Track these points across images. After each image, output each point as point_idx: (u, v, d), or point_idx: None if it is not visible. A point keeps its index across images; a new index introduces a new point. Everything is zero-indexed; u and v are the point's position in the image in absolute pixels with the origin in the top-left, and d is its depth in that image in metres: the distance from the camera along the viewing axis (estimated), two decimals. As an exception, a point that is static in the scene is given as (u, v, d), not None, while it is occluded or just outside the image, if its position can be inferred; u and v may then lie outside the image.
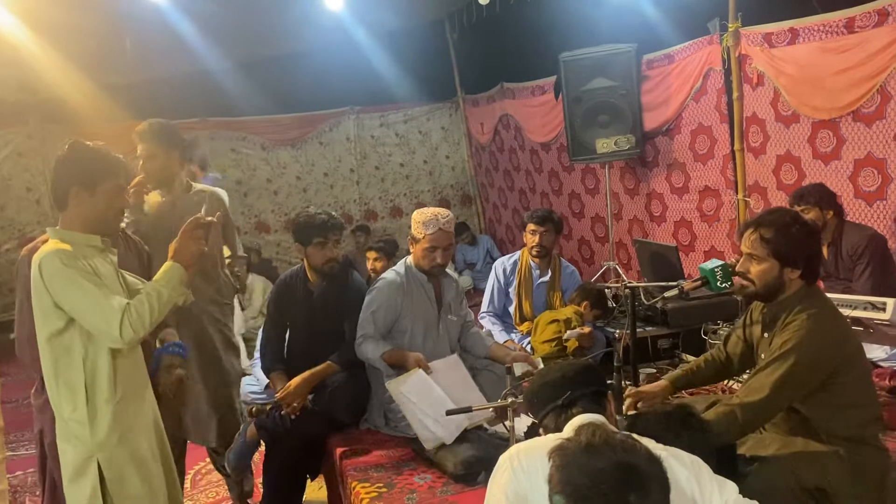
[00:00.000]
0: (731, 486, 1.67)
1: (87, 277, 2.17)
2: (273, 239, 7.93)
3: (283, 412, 3.18)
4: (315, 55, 6.84)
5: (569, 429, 1.70)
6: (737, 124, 4.77)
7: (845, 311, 2.49)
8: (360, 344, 3.26)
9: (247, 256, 3.86)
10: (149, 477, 2.37)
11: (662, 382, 2.64)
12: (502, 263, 4.53)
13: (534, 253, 4.35)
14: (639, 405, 2.53)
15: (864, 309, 2.67)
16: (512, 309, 4.45)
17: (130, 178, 2.43)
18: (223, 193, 3.71)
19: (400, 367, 3.18)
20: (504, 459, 1.73)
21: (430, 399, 2.98)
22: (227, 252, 3.76)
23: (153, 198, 3.49)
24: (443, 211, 3.38)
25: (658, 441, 1.68)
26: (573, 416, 1.79)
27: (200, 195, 3.53)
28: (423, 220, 3.31)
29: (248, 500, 3.68)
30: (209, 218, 2.49)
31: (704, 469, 1.68)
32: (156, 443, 2.46)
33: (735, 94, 4.72)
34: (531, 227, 4.35)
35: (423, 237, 3.30)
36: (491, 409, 2.88)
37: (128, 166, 2.39)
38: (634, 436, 1.39)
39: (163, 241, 2.57)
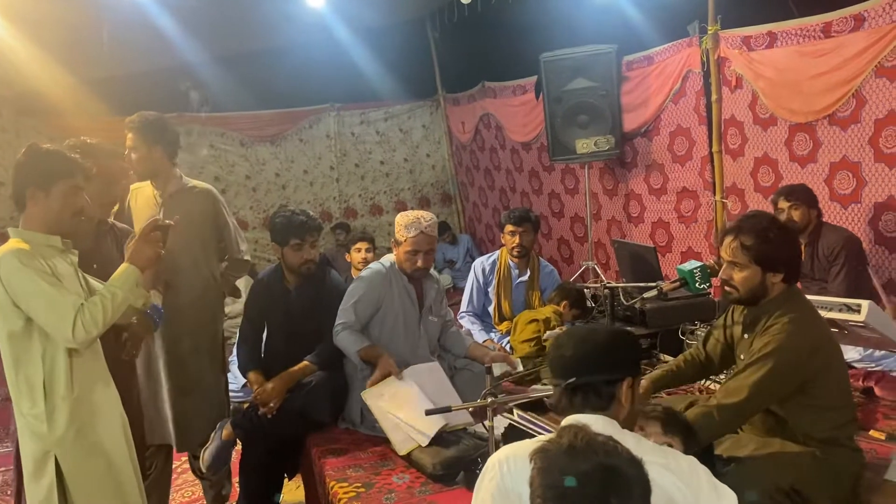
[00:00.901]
0: (729, 497, 1.64)
1: (43, 277, 2.21)
2: (251, 236, 7.85)
3: (260, 412, 3.16)
4: (296, 51, 6.79)
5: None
6: (715, 126, 4.80)
7: (821, 313, 2.51)
8: (339, 332, 3.23)
9: (248, 260, 3.75)
10: (112, 468, 2.39)
11: (643, 383, 2.65)
12: (481, 263, 4.54)
13: (514, 253, 4.36)
14: None
15: (840, 310, 2.70)
16: (491, 308, 4.46)
17: (89, 178, 2.41)
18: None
19: (373, 364, 3.17)
20: (493, 462, 1.68)
21: (407, 401, 2.98)
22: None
23: (146, 191, 3.45)
24: (426, 214, 3.37)
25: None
26: (574, 405, 1.74)
27: (193, 192, 3.49)
28: (406, 222, 3.30)
29: (226, 504, 3.66)
30: (167, 221, 2.54)
31: (703, 477, 1.64)
32: (121, 433, 2.46)
33: (714, 97, 4.75)
34: (509, 227, 4.36)
35: (405, 240, 3.29)
36: (470, 410, 2.89)
37: (85, 167, 2.39)
38: (616, 437, 1.38)
39: None
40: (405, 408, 2.97)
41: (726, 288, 2.41)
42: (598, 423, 1.62)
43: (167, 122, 3.46)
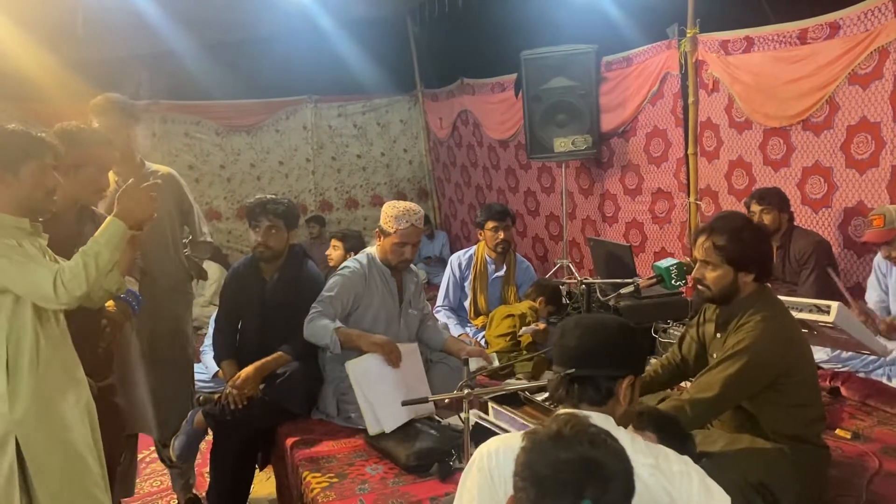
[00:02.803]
0: (720, 499, 1.62)
1: (13, 251, 2.17)
2: (224, 227, 7.79)
3: (231, 402, 3.12)
4: (275, 41, 6.73)
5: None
6: (691, 129, 4.87)
7: (791, 313, 2.56)
8: (313, 319, 3.18)
9: (211, 242, 3.75)
10: (74, 452, 2.34)
11: None
12: (458, 258, 4.56)
13: (499, 250, 4.40)
14: None
15: (810, 311, 2.75)
16: (467, 303, 4.48)
17: (58, 157, 2.36)
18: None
19: (350, 349, 3.15)
20: (481, 454, 1.63)
21: (382, 385, 2.99)
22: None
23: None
24: (414, 206, 3.36)
25: None
26: (571, 396, 1.71)
27: (155, 175, 3.45)
28: (396, 214, 3.28)
29: (193, 492, 3.63)
30: (157, 181, 2.51)
31: (695, 479, 1.62)
32: (85, 418, 2.42)
33: (690, 99, 4.81)
34: (492, 224, 4.38)
35: (395, 231, 3.27)
36: (445, 403, 2.91)
37: (54, 146, 2.33)
38: (611, 431, 1.36)
39: None
40: (382, 391, 2.98)
41: (699, 287, 2.44)
42: (594, 419, 1.56)
43: (133, 102, 3.43)
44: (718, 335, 2.46)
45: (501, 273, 4.46)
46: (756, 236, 2.38)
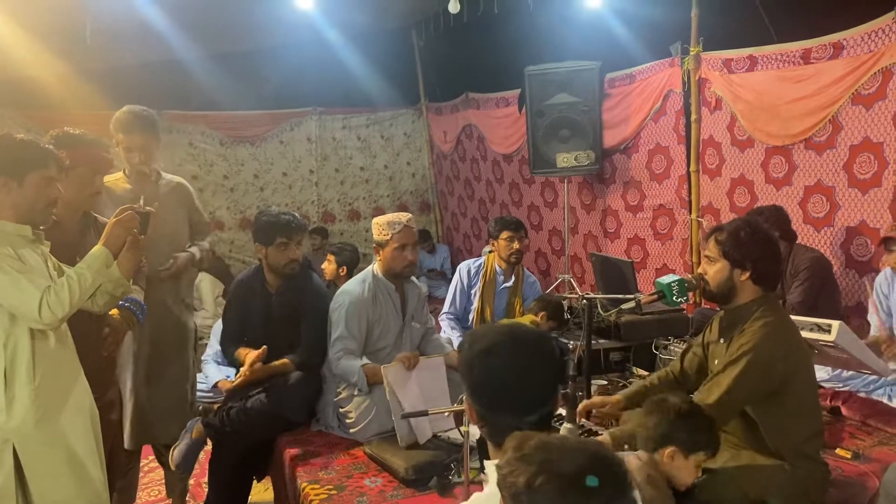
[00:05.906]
0: None
1: (8, 262, 2.19)
2: (227, 237, 7.79)
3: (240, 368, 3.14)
4: (280, 53, 6.76)
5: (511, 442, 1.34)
6: (693, 146, 4.89)
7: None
8: (340, 359, 3.21)
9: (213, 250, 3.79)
10: (74, 460, 2.35)
11: (615, 396, 2.69)
12: (467, 265, 4.60)
13: (512, 260, 4.43)
14: (592, 413, 2.61)
15: (811, 330, 2.75)
16: (473, 310, 4.49)
17: (62, 169, 2.38)
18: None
19: (377, 384, 3.13)
20: None
21: (408, 394, 3.00)
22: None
23: (120, 185, 3.41)
24: (401, 213, 3.40)
25: None
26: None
27: (170, 185, 3.49)
28: (386, 221, 3.32)
29: (188, 500, 3.62)
30: (147, 207, 2.54)
31: None
32: (88, 425, 2.43)
33: (693, 117, 4.84)
34: (507, 234, 4.42)
35: (391, 237, 3.29)
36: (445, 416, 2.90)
37: (60, 159, 2.36)
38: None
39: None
40: (404, 398, 2.99)
41: (701, 281, 2.52)
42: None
43: (155, 116, 3.46)
44: (721, 340, 2.49)
45: (509, 284, 4.49)
46: (754, 236, 2.43)
